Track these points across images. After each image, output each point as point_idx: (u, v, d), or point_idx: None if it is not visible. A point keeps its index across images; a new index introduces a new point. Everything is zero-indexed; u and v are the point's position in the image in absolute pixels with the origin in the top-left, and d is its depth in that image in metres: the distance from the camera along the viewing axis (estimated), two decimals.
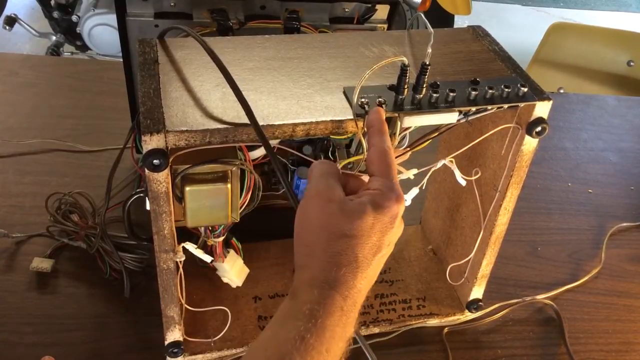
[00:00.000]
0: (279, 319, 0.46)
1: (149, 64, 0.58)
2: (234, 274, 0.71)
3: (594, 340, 0.80)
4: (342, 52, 0.63)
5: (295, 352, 0.42)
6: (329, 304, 0.45)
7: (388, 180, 0.48)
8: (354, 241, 0.46)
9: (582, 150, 1.14)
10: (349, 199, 0.48)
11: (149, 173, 0.52)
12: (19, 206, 0.87)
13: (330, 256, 0.46)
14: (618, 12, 3.69)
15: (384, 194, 0.47)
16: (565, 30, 1.76)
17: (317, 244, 0.47)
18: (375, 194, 0.47)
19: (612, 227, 0.97)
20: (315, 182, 0.49)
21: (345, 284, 0.46)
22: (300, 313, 0.44)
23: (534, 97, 0.59)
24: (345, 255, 0.46)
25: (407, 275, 0.82)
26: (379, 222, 0.47)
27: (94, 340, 0.72)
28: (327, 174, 0.49)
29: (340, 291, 0.45)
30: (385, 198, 0.47)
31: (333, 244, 0.46)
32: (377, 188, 0.48)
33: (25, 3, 2.85)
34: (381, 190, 0.48)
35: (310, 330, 0.43)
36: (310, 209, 0.48)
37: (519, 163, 0.64)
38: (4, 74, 1.13)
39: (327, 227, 0.47)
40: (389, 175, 0.49)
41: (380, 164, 0.49)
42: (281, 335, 0.44)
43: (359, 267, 0.46)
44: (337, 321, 0.45)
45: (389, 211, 0.47)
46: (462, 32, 0.69)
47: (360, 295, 0.47)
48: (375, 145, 0.50)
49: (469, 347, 0.77)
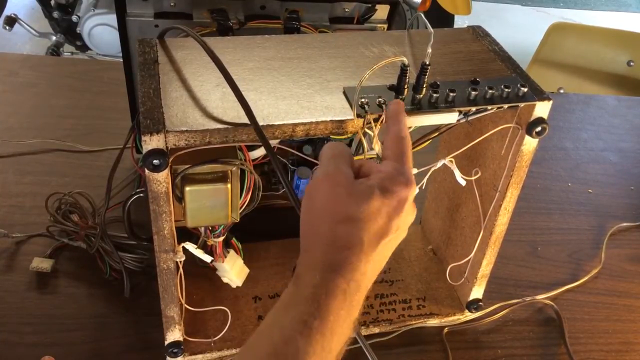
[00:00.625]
0: (282, 304, 0.46)
1: (149, 64, 0.58)
2: (234, 274, 0.71)
3: (594, 340, 0.80)
4: (342, 52, 0.63)
5: (298, 336, 0.42)
6: (332, 287, 0.44)
7: (400, 164, 0.48)
8: (359, 224, 0.45)
9: (582, 150, 1.14)
10: (358, 182, 0.47)
11: (149, 173, 0.52)
12: (19, 206, 0.87)
13: (334, 239, 0.45)
14: (618, 12, 3.69)
15: (393, 177, 0.47)
16: (565, 30, 1.76)
17: (321, 227, 0.46)
18: (384, 177, 0.47)
19: (612, 227, 0.97)
20: (324, 165, 0.49)
21: (349, 266, 0.45)
22: (302, 297, 0.44)
23: (534, 97, 0.59)
24: (350, 237, 0.45)
25: (407, 275, 0.82)
26: (386, 206, 0.46)
27: (94, 340, 0.72)
28: (337, 156, 0.49)
29: (343, 274, 0.44)
30: (395, 181, 0.47)
31: (337, 226, 0.46)
32: (387, 171, 0.47)
33: (25, 3, 2.85)
34: (391, 173, 0.47)
35: (313, 314, 0.43)
36: (316, 191, 0.48)
37: (519, 163, 0.64)
38: (4, 74, 1.13)
39: (332, 209, 0.46)
40: (401, 159, 0.48)
41: (395, 148, 0.49)
42: (284, 320, 0.44)
43: (363, 251, 0.45)
44: (341, 304, 0.44)
45: (397, 195, 0.46)
46: (462, 32, 0.69)
47: (366, 279, 0.46)
48: (393, 131, 0.51)
49: (469, 347, 0.77)
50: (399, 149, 0.49)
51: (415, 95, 0.56)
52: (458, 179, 0.67)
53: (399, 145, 0.49)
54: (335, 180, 0.47)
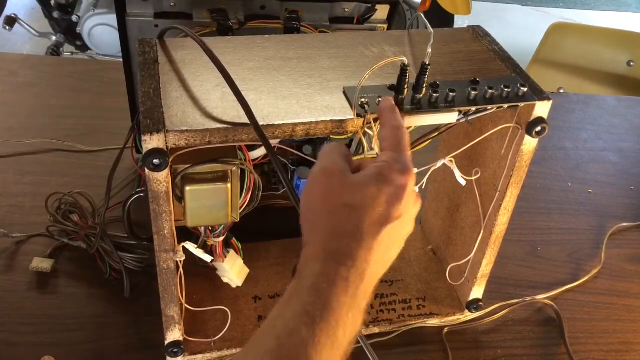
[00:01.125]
0: (285, 299, 0.45)
1: (149, 64, 0.58)
2: (234, 274, 0.71)
3: (594, 340, 0.80)
4: (342, 52, 0.63)
5: (303, 327, 0.41)
6: (332, 275, 0.44)
7: (396, 153, 0.48)
8: (356, 212, 0.45)
9: (582, 150, 1.14)
10: (355, 174, 0.47)
11: (149, 173, 0.52)
12: (19, 206, 0.87)
13: (333, 228, 0.45)
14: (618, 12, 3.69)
15: (389, 165, 0.47)
16: (565, 30, 1.76)
17: (320, 219, 0.47)
18: (380, 165, 0.47)
19: (612, 227, 0.97)
20: (320, 160, 0.49)
21: (349, 254, 0.45)
22: (304, 288, 0.44)
23: (533, 97, 0.59)
24: (348, 225, 0.45)
25: (407, 275, 0.82)
26: (384, 193, 0.46)
27: (94, 340, 0.72)
28: (332, 152, 0.49)
29: (343, 261, 0.44)
30: (390, 169, 0.47)
31: (334, 216, 0.46)
32: (383, 160, 0.48)
33: (25, 3, 2.85)
34: (387, 162, 0.47)
35: (315, 303, 0.42)
36: (313, 186, 0.48)
37: (519, 163, 0.64)
38: (4, 74, 1.13)
39: (329, 199, 0.46)
40: (398, 148, 0.48)
41: (390, 138, 0.49)
42: (287, 312, 0.43)
43: (363, 238, 0.45)
44: (343, 292, 0.43)
45: (392, 182, 0.46)
46: (462, 32, 0.69)
47: (370, 268, 0.45)
48: (387, 122, 0.51)
49: (469, 347, 0.77)
50: (395, 139, 0.49)
51: (415, 95, 0.56)
52: (458, 179, 0.67)
53: (394, 135, 0.50)
54: (330, 172, 0.48)
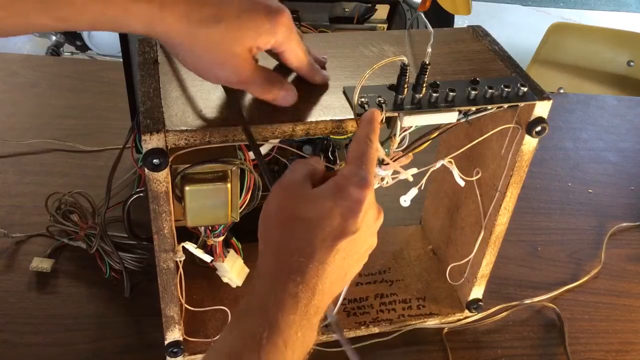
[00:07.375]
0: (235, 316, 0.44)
1: (149, 63, 0.58)
2: (234, 274, 0.70)
3: (594, 340, 0.80)
4: (342, 52, 0.63)
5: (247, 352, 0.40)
6: (280, 292, 0.42)
7: (357, 166, 0.47)
8: (310, 225, 0.44)
9: (582, 150, 1.14)
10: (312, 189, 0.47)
11: (149, 172, 0.52)
12: (19, 206, 0.87)
13: (285, 242, 0.45)
14: (618, 12, 3.69)
15: (347, 178, 0.46)
16: (565, 30, 1.76)
17: (273, 232, 0.46)
18: (338, 179, 0.47)
19: (612, 227, 0.97)
20: (283, 175, 0.49)
21: (298, 269, 0.43)
22: (252, 307, 0.43)
23: (533, 96, 0.59)
24: (299, 239, 0.44)
25: (407, 275, 0.82)
26: (339, 206, 0.45)
27: (94, 340, 0.72)
28: (295, 169, 0.49)
29: (292, 277, 0.43)
30: (348, 182, 0.46)
31: (287, 229, 0.45)
32: (342, 174, 0.47)
33: None
34: (346, 175, 0.47)
35: (262, 324, 0.41)
36: (271, 199, 0.48)
37: (519, 163, 0.64)
38: (4, 74, 1.13)
39: (283, 213, 0.46)
40: (358, 161, 0.48)
41: (355, 151, 0.49)
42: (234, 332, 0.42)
43: (315, 252, 0.44)
44: (291, 309, 0.42)
45: (349, 195, 0.45)
46: (462, 32, 0.69)
47: (321, 282, 0.44)
48: (358, 133, 0.50)
49: (469, 347, 0.77)
50: (359, 151, 0.49)
51: (415, 94, 0.56)
52: (457, 180, 0.67)
53: (359, 147, 0.49)
54: (288, 186, 0.47)
